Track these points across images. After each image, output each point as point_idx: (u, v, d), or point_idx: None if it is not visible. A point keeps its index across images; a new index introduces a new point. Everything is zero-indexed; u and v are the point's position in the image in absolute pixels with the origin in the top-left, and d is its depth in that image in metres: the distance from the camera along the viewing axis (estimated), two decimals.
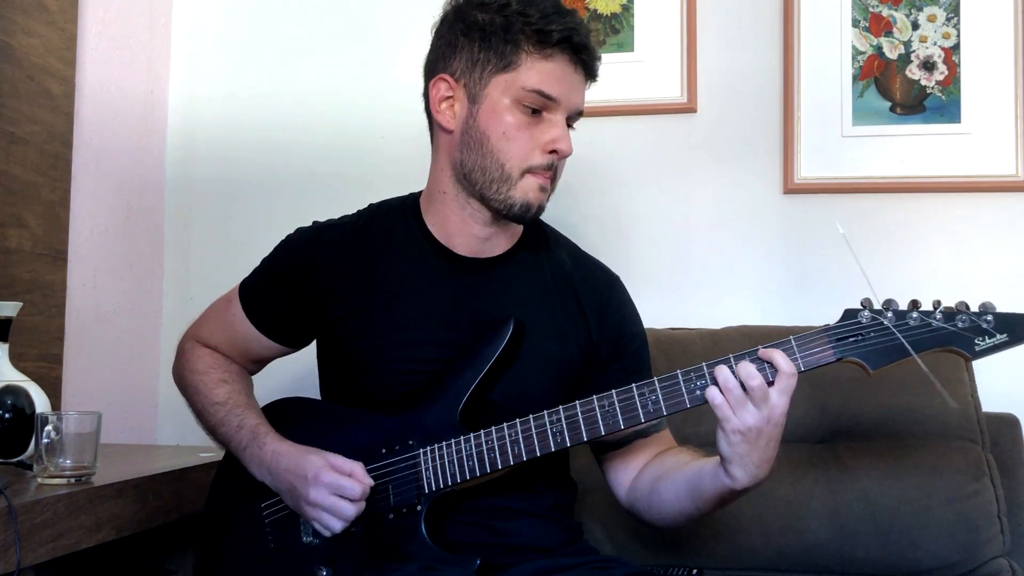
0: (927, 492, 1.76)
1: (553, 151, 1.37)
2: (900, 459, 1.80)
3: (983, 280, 2.09)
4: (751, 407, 1.23)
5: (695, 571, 1.66)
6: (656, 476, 1.43)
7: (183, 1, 2.50)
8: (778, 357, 1.24)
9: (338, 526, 1.33)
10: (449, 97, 1.40)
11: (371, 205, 1.55)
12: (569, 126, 1.41)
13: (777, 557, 1.80)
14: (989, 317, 1.22)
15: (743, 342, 1.92)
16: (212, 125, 2.47)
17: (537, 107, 1.36)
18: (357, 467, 1.34)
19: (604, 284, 1.52)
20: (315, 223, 1.55)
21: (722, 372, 1.25)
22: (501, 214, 1.40)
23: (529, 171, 1.37)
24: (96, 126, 2.23)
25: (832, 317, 2.02)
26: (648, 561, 1.79)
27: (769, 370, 1.25)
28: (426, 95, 1.45)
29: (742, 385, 1.23)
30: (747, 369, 1.24)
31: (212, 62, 2.48)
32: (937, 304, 1.24)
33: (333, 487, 1.32)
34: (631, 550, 1.80)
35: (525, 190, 1.37)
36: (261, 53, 2.46)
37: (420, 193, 1.52)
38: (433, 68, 1.43)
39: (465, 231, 1.44)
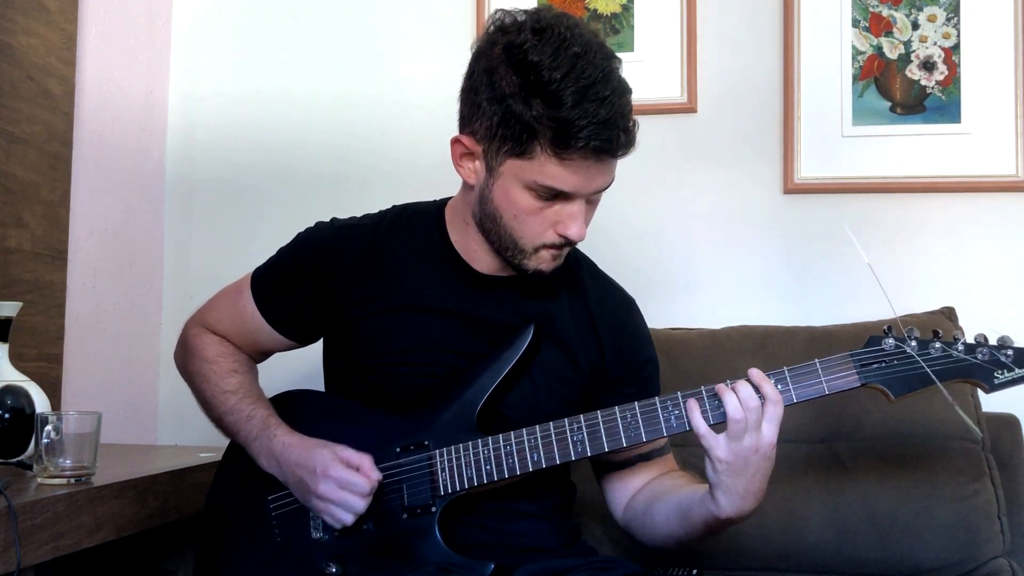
0: (927, 492, 1.76)
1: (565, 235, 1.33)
2: (900, 459, 1.80)
3: (983, 280, 2.09)
4: (743, 435, 1.23)
5: (695, 571, 1.66)
6: (651, 497, 1.44)
7: (183, 1, 2.50)
8: (766, 386, 1.25)
9: (348, 519, 1.32)
10: (470, 154, 1.35)
11: (395, 207, 1.53)
12: (595, 194, 1.34)
13: (777, 557, 1.80)
14: (1009, 351, 1.25)
15: (743, 342, 1.94)
16: (212, 125, 2.47)
17: (551, 196, 1.30)
18: (365, 460, 1.33)
19: (621, 307, 1.51)
20: (335, 220, 1.53)
21: (731, 400, 1.24)
22: (515, 270, 1.40)
23: (543, 247, 1.35)
24: (96, 126, 2.23)
25: (832, 317, 2.04)
26: (648, 561, 1.78)
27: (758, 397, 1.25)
28: (452, 141, 1.38)
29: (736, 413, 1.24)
30: (747, 391, 1.25)
31: (212, 62, 2.48)
32: (958, 336, 1.27)
33: (341, 481, 1.31)
34: (631, 550, 1.80)
35: (539, 261, 1.36)
36: (261, 53, 2.46)
37: (446, 201, 1.50)
38: (461, 120, 1.36)
39: (485, 256, 1.42)
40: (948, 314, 1.90)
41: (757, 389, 1.25)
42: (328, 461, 1.33)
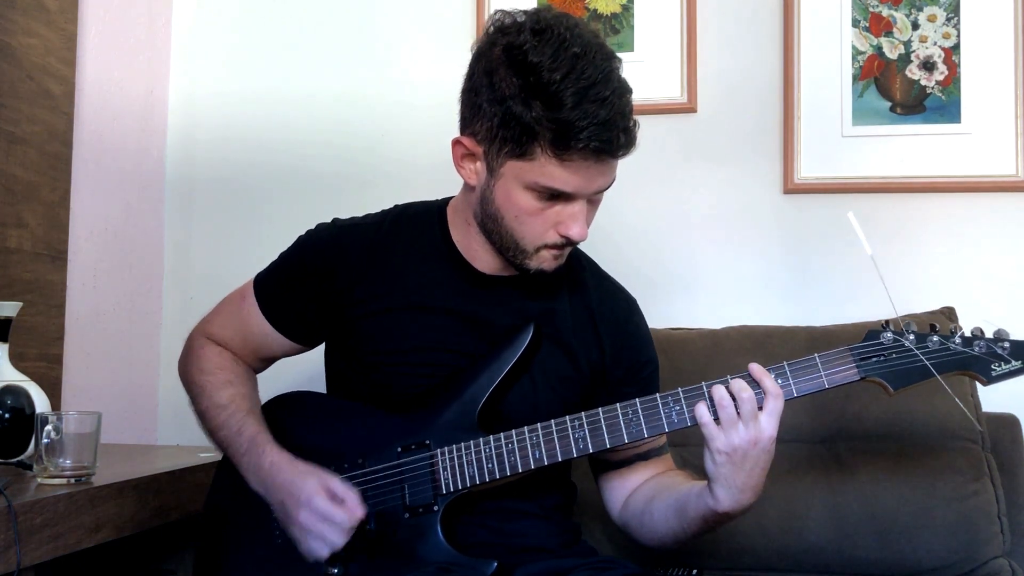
0: (927, 492, 1.76)
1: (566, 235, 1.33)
2: (900, 459, 1.80)
3: (983, 280, 2.09)
4: (740, 427, 1.24)
5: (695, 571, 1.66)
6: (650, 496, 1.44)
7: (183, 1, 2.50)
8: (766, 380, 1.26)
9: (324, 553, 1.31)
10: (471, 155, 1.35)
11: (396, 207, 1.53)
12: (596, 194, 1.34)
13: (777, 557, 1.80)
14: (1006, 344, 1.26)
15: (743, 342, 1.94)
16: (212, 125, 2.47)
17: (551, 197, 1.30)
18: (351, 495, 1.31)
19: (622, 307, 1.51)
20: (336, 220, 1.53)
21: (718, 390, 1.26)
22: (517, 270, 1.40)
23: (544, 247, 1.35)
24: (96, 126, 2.23)
25: (832, 317, 2.04)
26: (648, 561, 1.78)
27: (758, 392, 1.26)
28: (453, 143, 1.38)
29: (735, 403, 1.24)
30: (739, 384, 1.25)
31: (212, 62, 2.48)
32: (955, 329, 1.27)
33: (322, 513, 1.30)
34: (631, 550, 1.80)
35: (540, 260, 1.36)
36: (261, 53, 2.46)
37: (448, 201, 1.50)
38: (462, 122, 1.36)
39: (486, 255, 1.42)
40: (948, 314, 1.90)
41: (757, 384, 1.26)
42: (313, 491, 1.31)
